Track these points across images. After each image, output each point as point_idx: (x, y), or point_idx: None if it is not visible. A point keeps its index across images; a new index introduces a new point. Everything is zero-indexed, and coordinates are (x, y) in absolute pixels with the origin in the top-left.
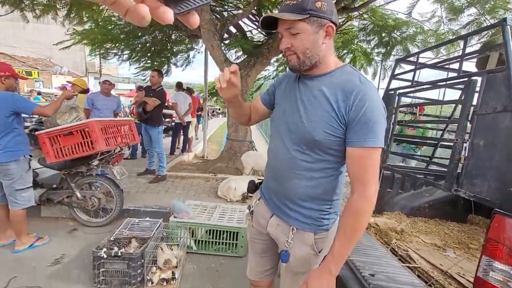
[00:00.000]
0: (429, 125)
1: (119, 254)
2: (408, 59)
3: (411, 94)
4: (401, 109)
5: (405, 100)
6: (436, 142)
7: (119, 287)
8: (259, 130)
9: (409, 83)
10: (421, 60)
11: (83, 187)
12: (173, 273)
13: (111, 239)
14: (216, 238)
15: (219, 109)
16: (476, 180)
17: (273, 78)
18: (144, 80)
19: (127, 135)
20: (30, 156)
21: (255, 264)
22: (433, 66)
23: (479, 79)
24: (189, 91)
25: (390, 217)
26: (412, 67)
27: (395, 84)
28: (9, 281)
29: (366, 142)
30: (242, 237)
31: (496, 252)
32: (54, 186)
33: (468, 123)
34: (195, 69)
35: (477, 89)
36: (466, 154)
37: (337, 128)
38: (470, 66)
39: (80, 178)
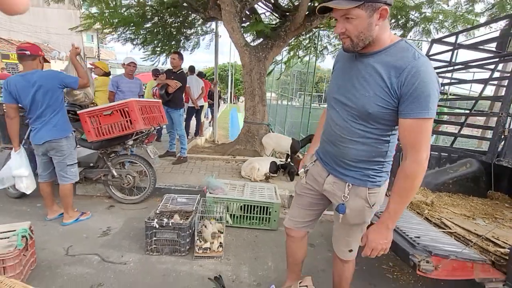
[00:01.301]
0: (441, 103)
1: (170, 224)
2: (444, 39)
3: (443, 75)
4: None
5: None
6: (464, 119)
7: (169, 254)
8: None
9: (441, 64)
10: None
11: (117, 166)
12: (218, 242)
13: (157, 212)
14: (249, 213)
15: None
16: None
17: (284, 62)
18: (152, 65)
19: (157, 116)
20: (74, 131)
21: (296, 215)
22: (471, 47)
23: None
24: (200, 75)
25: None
26: (445, 48)
27: None
28: (67, 249)
29: (417, 114)
30: (275, 211)
31: None
32: (91, 164)
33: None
34: (194, 54)
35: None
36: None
37: (389, 101)
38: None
39: (115, 157)
